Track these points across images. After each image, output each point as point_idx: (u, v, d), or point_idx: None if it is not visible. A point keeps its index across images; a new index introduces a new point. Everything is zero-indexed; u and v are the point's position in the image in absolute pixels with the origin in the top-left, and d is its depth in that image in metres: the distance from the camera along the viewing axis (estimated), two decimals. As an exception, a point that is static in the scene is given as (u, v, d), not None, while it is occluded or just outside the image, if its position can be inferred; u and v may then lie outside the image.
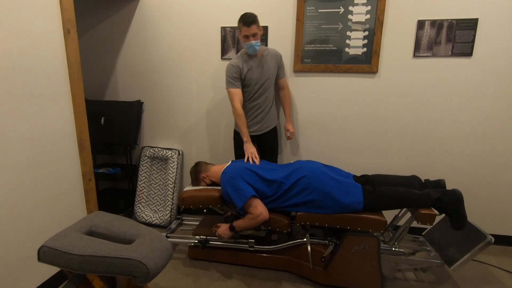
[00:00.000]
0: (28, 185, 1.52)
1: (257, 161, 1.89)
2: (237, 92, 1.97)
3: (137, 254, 1.09)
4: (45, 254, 1.11)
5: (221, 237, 1.82)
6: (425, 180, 1.81)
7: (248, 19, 1.85)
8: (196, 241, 1.92)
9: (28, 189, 1.52)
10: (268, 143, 2.15)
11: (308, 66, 2.19)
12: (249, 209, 1.68)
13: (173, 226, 2.16)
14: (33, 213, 1.55)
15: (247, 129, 2.00)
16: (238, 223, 1.74)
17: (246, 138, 1.97)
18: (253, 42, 1.89)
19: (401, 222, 1.84)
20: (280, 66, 2.09)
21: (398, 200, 1.62)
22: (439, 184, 1.73)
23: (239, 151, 2.11)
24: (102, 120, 2.42)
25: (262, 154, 2.17)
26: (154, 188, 2.51)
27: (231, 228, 1.76)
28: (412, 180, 1.79)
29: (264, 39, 2.22)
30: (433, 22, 1.98)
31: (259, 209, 1.67)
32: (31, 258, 1.54)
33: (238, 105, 1.96)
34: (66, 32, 1.68)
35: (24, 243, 1.51)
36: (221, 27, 2.25)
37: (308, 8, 2.11)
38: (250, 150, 1.93)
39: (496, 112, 2.03)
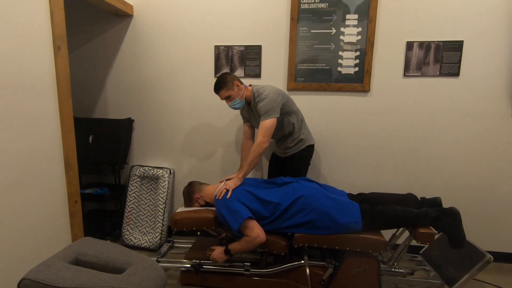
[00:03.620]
0: (9, 208, 1.41)
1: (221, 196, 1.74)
2: (244, 127, 2.09)
3: (129, 285, 1.02)
4: (26, 288, 1.02)
5: (216, 261, 1.73)
6: (421, 198, 1.80)
7: (214, 87, 1.84)
8: (189, 266, 1.83)
9: (8, 213, 1.41)
10: (290, 166, 2.05)
11: (301, 84, 2.21)
12: (246, 231, 1.62)
13: (163, 249, 2.05)
14: (13, 239, 1.43)
15: (243, 164, 1.92)
16: (234, 246, 1.66)
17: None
18: (229, 104, 1.87)
19: (399, 241, 1.81)
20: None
21: (397, 219, 1.60)
22: (436, 202, 1.73)
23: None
24: (91, 139, 2.34)
25: (289, 174, 2.05)
26: (144, 209, 2.40)
27: (227, 252, 1.68)
28: (409, 198, 1.78)
29: (258, 58, 2.23)
30: (421, 44, 2.06)
31: (256, 231, 1.61)
32: (8, 290, 1.41)
33: (243, 139, 2.08)
34: (57, 49, 1.63)
35: (1, 274, 1.38)
36: (215, 46, 2.25)
37: (300, 28, 2.15)
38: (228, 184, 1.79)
39: (485, 130, 2.09)
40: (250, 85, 1.91)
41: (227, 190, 1.73)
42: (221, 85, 1.81)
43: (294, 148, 1.98)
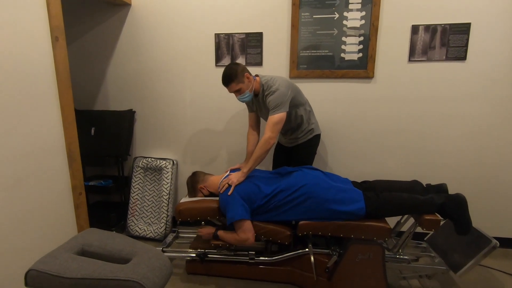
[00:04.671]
0: (14, 201, 1.42)
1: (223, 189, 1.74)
2: (249, 116, 2.02)
3: (135, 274, 1.02)
4: (33, 279, 1.03)
5: (201, 237, 1.81)
6: (426, 184, 1.79)
7: (223, 80, 1.73)
8: (194, 255, 1.84)
9: (13, 206, 1.42)
10: (296, 155, 2.03)
11: (304, 72, 2.17)
12: (238, 230, 1.65)
13: (168, 239, 2.07)
14: (19, 232, 1.45)
15: (249, 153, 1.97)
16: (223, 235, 1.71)
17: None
18: (238, 97, 1.78)
19: (404, 228, 1.80)
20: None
21: (402, 207, 1.59)
22: (441, 188, 1.71)
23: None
24: (93, 131, 2.33)
25: (295, 164, 2.05)
26: (148, 200, 2.41)
27: (215, 236, 1.74)
28: (414, 185, 1.76)
29: (259, 46, 2.19)
30: (427, 27, 2.00)
31: (247, 234, 1.63)
32: (17, 283, 1.43)
33: (248, 129, 2.02)
34: (55, 39, 1.61)
35: (9, 265, 1.40)
36: (215, 34, 2.21)
37: (302, 14, 2.09)
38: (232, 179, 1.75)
39: (492, 115, 2.05)
40: (257, 76, 1.83)
41: (229, 185, 1.71)
42: (232, 77, 1.70)
43: (302, 138, 1.95)
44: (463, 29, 1.97)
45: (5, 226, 1.39)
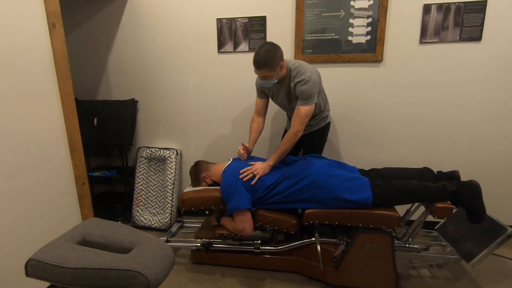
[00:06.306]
0: (15, 192, 1.41)
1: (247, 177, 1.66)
2: (257, 102, 1.90)
3: (136, 264, 0.99)
4: (33, 268, 1.01)
5: (210, 221, 1.90)
6: (438, 171, 1.72)
7: (258, 62, 1.57)
8: (199, 245, 1.82)
9: (15, 197, 1.40)
10: (308, 143, 1.97)
11: (309, 56, 2.09)
12: (236, 219, 1.64)
13: (173, 229, 2.06)
14: (21, 223, 1.44)
15: (252, 138, 1.88)
16: (224, 221, 1.77)
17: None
18: (261, 82, 1.69)
19: (414, 217, 1.75)
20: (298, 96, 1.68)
21: (412, 194, 1.53)
22: (454, 175, 1.64)
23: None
24: (95, 121, 2.31)
25: (306, 152, 2.01)
26: (153, 190, 2.40)
27: (217, 219, 1.81)
28: (425, 172, 1.70)
29: (263, 30, 2.11)
30: (440, 6, 1.89)
31: (244, 225, 1.63)
32: (19, 273, 1.43)
33: (254, 115, 1.91)
34: (51, 26, 1.56)
35: (12, 255, 1.40)
36: (217, 19, 2.14)
37: (307, -5, 2.00)
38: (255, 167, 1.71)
39: (508, 99, 1.94)
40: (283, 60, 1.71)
41: (254, 175, 1.65)
42: (267, 64, 1.55)
43: (316, 126, 1.89)
44: (479, 7, 1.85)
45: (8, 217, 1.38)
